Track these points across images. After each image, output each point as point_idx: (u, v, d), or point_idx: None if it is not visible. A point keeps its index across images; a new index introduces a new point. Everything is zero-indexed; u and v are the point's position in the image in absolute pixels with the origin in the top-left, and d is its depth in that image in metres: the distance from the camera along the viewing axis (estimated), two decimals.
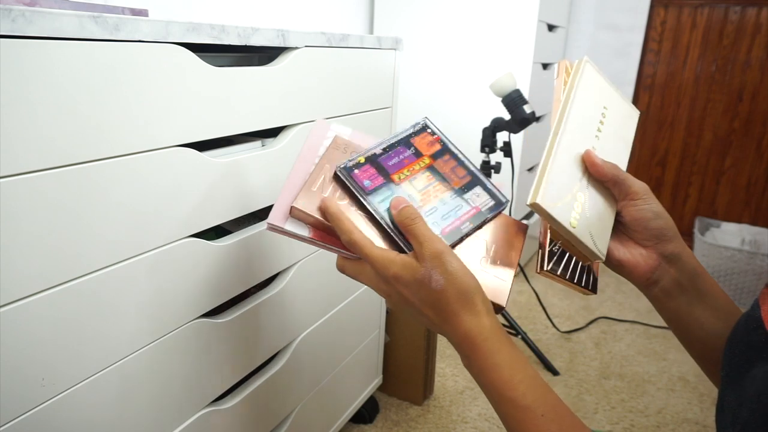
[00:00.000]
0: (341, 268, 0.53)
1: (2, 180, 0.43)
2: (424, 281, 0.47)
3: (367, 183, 0.52)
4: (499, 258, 0.56)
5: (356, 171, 0.53)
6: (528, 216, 2.18)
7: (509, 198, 0.61)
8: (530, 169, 2.04)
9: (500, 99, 1.27)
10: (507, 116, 1.32)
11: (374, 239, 0.51)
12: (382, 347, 1.23)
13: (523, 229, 0.59)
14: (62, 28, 0.44)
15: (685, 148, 2.17)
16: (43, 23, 0.43)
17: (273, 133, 0.76)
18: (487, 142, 1.38)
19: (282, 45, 0.71)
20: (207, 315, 0.68)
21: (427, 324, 0.50)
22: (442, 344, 1.56)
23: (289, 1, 1.55)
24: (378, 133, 1.00)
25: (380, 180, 0.53)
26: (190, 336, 0.65)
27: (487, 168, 1.40)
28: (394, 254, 0.49)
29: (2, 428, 0.47)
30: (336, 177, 0.52)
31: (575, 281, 0.55)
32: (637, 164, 2.26)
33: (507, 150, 1.41)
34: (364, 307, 1.08)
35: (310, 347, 0.92)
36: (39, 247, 0.47)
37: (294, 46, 0.73)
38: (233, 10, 1.37)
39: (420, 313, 0.50)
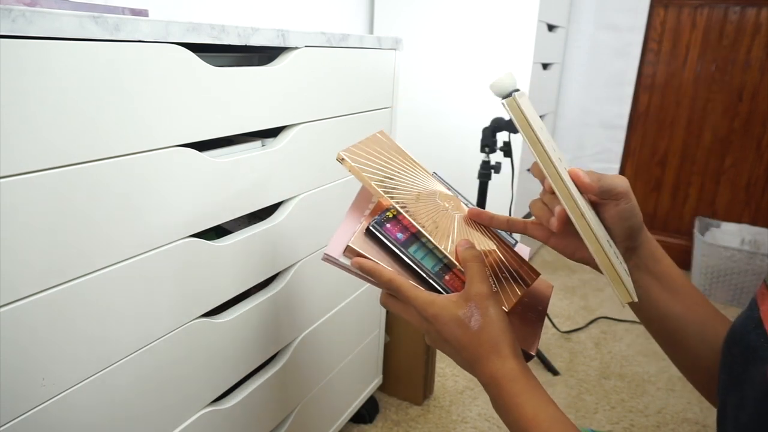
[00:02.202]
0: (385, 304, 0.56)
1: (2, 180, 0.43)
2: (463, 320, 0.50)
3: (400, 235, 0.55)
4: (529, 309, 0.60)
5: (388, 225, 0.56)
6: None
7: (517, 240, 0.66)
8: (530, 169, 2.04)
9: (500, 99, 1.27)
10: (507, 116, 1.32)
11: None
12: (382, 347, 1.23)
13: (550, 286, 0.65)
14: (62, 28, 0.44)
15: (685, 148, 2.17)
16: (43, 23, 0.43)
17: (273, 133, 0.76)
18: (487, 142, 1.38)
19: (282, 45, 0.71)
20: (207, 315, 0.68)
21: (460, 363, 0.53)
22: None
23: (289, 1, 1.55)
24: None
25: (413, 228, 0.56)
26: (190, 336, 0.65)
27: (487, 168, 1.40)
28: (434, 295, 0.52)
29: (2, 428, 0.47)
30: (369, 232, 0.55)
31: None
32: (637, 164, 2.26)
33: (507, 150, 1.41)
34: (364, 307, 1.08)
35: (310, 347, 0.92)
36: (39, 247, 0.47)
37: (294, 46, 0.73)
38: (233, 10, 1.37)
39: (454, 352, 0.53)
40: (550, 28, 1.92)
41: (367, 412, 1.25)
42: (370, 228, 0.55)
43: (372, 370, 1.20)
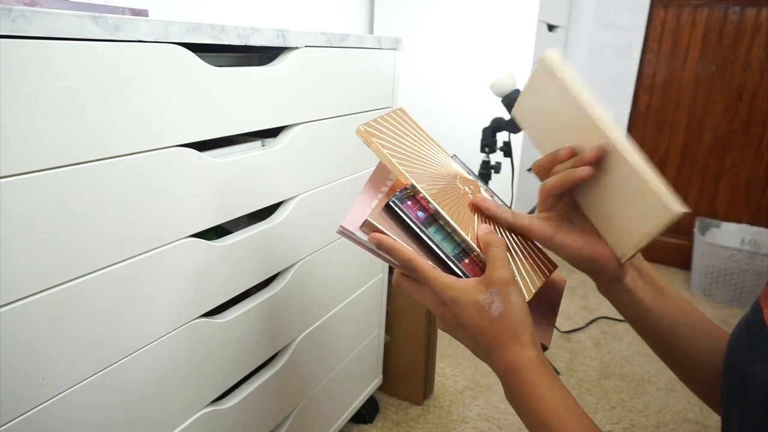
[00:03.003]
0: (398, 284, 0.54)
1: (2, 180, 0.43)
2: (483, 306, 0.49)
3: (420, 214, 0.54)
4: (545, 300, 0.59)
5: (408, 202, 0.54)
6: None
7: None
8: (530, 169, 2.04)
9: (500, 99, 1.27)
10: (507, 116, 1.32)
11: None
12: (382, 347, 1.23)
13: (563, 279, 0.63)
14: (62, 28, 0.44)
15: (685, 148, 2.17)
16: (43, 23, 0.43)
17: (273, 133, 0.76)
18: (487, 142, 1.38)
19: (282, 45, 0.71)
20: (207, 315, 0.68)
21: (475, 350, 0.52)
22: (442, 344, 1.56)
23: (289, 1, 1.55)
24: None
25: (431, 210, 0.55)
26: (190, 336, 0.65)
27: (487, 168, 1.40)
28: (454, 278, 0.51)
29: (2, 428, 0.47)
30: (388, 208, 0.53)
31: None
32: None
33: (507, 150, 1.41)
34: (364, 307, 1.08)
35: (310, 347, 0.92)
36: (39, 247, 0.47)
37: (294, 46, 0.73)
38: (233, 10, 1.37)
39: (470, 338, 0.51)
40: (550, 28, 1.91)
41: (367, 412, 1.25)
42: (390, 204, 0.53)
43: (372, 370, 1.20)
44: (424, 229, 0.53)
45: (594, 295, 1.94)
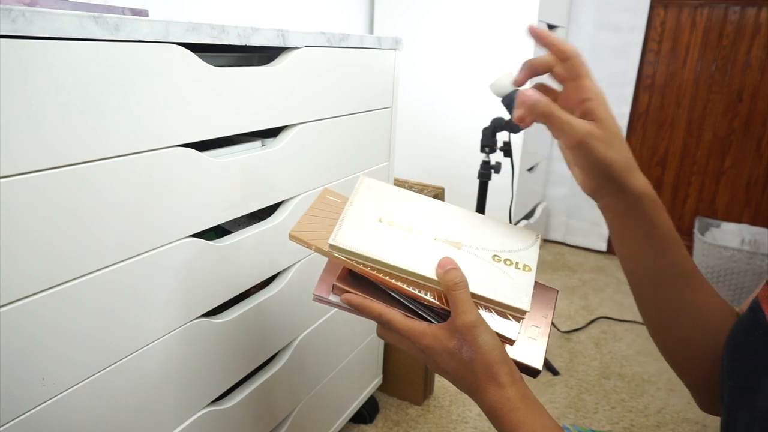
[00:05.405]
0: (382, 336, 0.56)
1: (2, 180, 0.43)
2: (454, 352, 0.50)
3: None
4: (533, 322, 0.58)
5: None
6: (528, 215, 2.18)
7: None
8: (530, 169, 2.04)
9: (500, 99, 1.27)
10: (507, 116, 1.32)
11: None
12: (382, 347, 1.23)
13: (554, 294, 0.61)
14: (62, 28, 0.44)
15: (685, 148, 2.17)
16: (43, 23, 0.43)
17: (273, 133, 0.76)
18: (487, 142, 1.37)
19: (282, 45, 0.71)
20: (207, 315, 0.68)
21: (463, 390, 0.53)
22: None
23: (289, 1, 1.55)
24: (378, 134, 1.00)
25: None
26: (190, 336, 0.65)
27: (487, 168, 1.40)
28: (425, 326, 0.51)
29: (2, 428, 0.47)
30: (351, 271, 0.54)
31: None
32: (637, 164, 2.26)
33: (507, 150, 1.41)
34: None
35: (310, 347, 0.92)
36: (39, 247, 0.47)
37: (294, 46, 0.73)
38: (233, 10, 1.37)
39: (453, 381, 0.52)
40: (550, 28, 1.92)
41: (367, 412, 1.25)
42: (352, 270, 0.54)
43: (372, 370, 1.20)
44: (389, 281, 0.53)
45: (594, 295, 1.94)
